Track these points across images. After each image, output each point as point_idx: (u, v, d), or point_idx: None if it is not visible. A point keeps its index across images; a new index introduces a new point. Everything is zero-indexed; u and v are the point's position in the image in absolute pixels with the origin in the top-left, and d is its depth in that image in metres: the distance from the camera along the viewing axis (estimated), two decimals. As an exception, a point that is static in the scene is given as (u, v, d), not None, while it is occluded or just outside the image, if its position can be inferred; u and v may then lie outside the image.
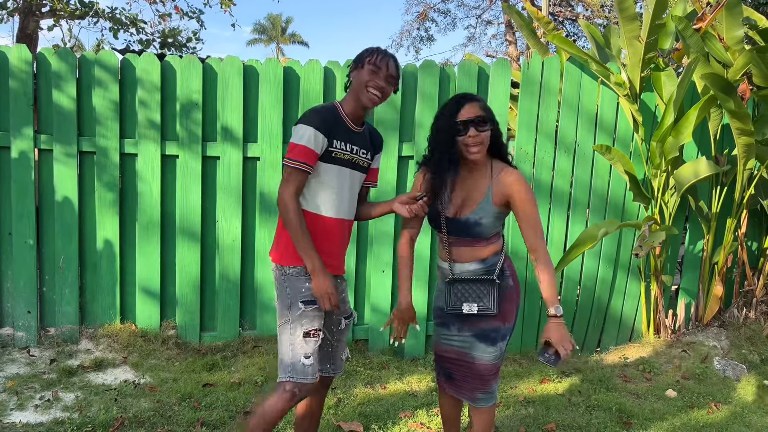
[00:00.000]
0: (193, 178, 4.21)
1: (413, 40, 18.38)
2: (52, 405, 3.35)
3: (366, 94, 2.27)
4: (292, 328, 2.25)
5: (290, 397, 2.23)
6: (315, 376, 2.26)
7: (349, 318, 2.50)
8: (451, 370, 2.47)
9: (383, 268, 4.41)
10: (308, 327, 2.25)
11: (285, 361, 2.25)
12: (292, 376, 2.22)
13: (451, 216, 2.30)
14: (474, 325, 2.35)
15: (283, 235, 2.33)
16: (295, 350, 2.23)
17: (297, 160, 2.20)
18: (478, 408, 2.44)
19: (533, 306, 4.59)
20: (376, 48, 2.32)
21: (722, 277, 4.62)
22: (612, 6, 13.30)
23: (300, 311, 2.24)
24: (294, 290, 2.27)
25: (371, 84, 2.26)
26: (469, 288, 2.32)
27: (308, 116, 2.24)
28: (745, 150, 4.27)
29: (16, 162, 4.02)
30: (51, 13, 8.28)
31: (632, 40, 4.23)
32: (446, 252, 2.35)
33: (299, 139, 2.21)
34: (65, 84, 4.04)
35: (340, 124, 2.30)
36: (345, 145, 2.31)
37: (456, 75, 4.41)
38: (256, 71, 4.25)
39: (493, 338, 2.34)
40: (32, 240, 4.08)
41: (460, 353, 2.40)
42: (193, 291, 4.28)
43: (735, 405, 3.69)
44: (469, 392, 2.43)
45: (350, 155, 2.33)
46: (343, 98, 2.37)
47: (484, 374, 2.38)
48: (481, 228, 2.27)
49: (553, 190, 4.54)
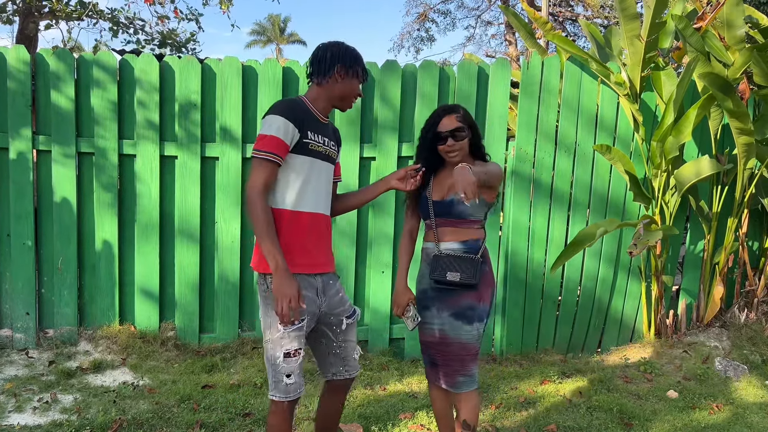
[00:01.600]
0: (192, 178, 4.20)
1: (413, 40, 18.40)
2: (51, 407, 3.33)
3: (351, 102, 2.35)
4: (272, 348, 2.23)
5: (282, 413, 2.25)
6: (297, 393, 2.26)
7: (351, 316, 2.44)
8: (434, 356, 2.57)
9: (383, 269, 4.39)
10: (288, 348, 2.21)
11: (270, 378, 2.27)
12: (275, 394, 2.25)
13: (437, 199, 2.54)
14: (451, 304, 2.48)
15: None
16: (276, 370, 2.23)
17: (267, 150, 2.12)
18: (461, 393, 2.52)
19: (533, 307, 4.57)
20: (356, 52, 2.33)
21: (723, 278, 4.60)
22: (612, 6, 13.30)
23: (279, 333, 2.20)
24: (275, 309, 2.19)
25: (358, 93, 2.35)
26: (453, 262, 2.48)
27: (277, 107, 2.18)
28: (745, 149, 4.25)
29: (15, 163, 4.01)
30: (50, 14, 8.27)
31: (633, 39, 4.22)
32: (433, 233, 2.55)
33: (268, 129, 2.14)
34: (64, 85, 4.02)
35: (310, 116, 2.26)
36: (318, 137, 2.27)
37: (456, 75, 4.39)
38: (255, 72, 4.24)
39: (470, 316, 2.47)
40: (31, 241, 4.06)
41: (440, 336, 2.51)
42: (192, 292, 4.27)
43: (736, 406, 3.68)
44: (450, 378, 2.52)
45: (324, 147, 2.30)
46: (310, 92, 2.31)
47: (462, 354, 2.48)
48: (462, 207, 2.48)
49: (553, 190, 4.53)
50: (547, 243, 4.55)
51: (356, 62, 2.30)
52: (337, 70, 2.27)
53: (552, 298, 4.63)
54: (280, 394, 2.23)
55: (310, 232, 2.26)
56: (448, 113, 2.51)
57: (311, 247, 2.27)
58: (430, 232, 2.57)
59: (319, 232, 2.31)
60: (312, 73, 2.31)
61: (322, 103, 2.31)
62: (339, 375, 2.45)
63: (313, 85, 2.31)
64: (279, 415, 2.25)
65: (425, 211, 2.58)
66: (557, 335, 4.68)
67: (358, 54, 2.33)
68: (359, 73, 2.31)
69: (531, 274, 4.54)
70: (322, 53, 2.28)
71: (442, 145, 2.48)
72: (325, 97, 2.30)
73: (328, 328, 2.40)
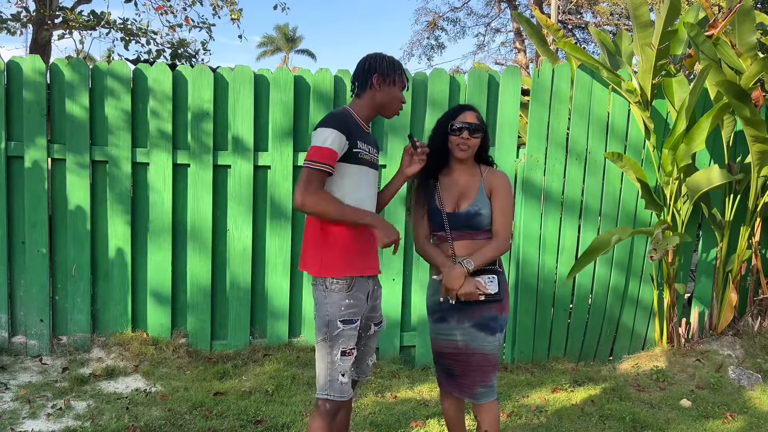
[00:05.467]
0: (204, 186, 4.22)
1: (424, 48, 18.45)
2: (64, 413, 3.35)
3: (394, 109, 2.42)
4: (329, 346, 2.28)
5: (332, 415, 2.29)
6: (350, 393, 2.31)
7: (379, 324, 2.54)
8: (451, 366, 2.54)
9: (393, 277, 4.40)
10: (345, 346, 2.28)
11: (322, 378, 2.29)
12: (330, 394, 2.27)
13: (451, 211, 2.50)
14: (473, 315, 2.46)
15: (317, 245, 2.31)
16: (333, 368, 2.27)
17: (321, 162, 2.20)
18: (481, 404, 2.50)
19: (544, 315, 4.56)
20: (396, 61, 2.41)
21: (736, 285, 4.57)
22: (621, 14, 13.29)
23: (338, 330, 2.26)
24: (334, 308, 2.28)
25: (402, 101, 2.41)
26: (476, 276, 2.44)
27: (329, 120, 2.26)
28: (759, 157, 4.23)
29: (30, 171, 4.06)
30: (63, 24, 8.36)
31: (644, 47, 4.22)
32: (449, 247, 2.49)
33: (323, 141, 2.22)
34: (78, 94, 4.07)
35: (357, 127, 2.35)
36: (365, 146, 2.36)
37: (466, 83, 4.40)
38: (267, 80, 4.27)
39: (493, 327, 2.46)
40: (45, 249, 4.10)
41: (461, 346, 2.48)
42: (204, 299, 4.29)
43: (750, 415, 3.64)
44: (470, 388, 2.50)
45: (370, 155, 2.39)
46: (354, 103, 2.40)
47: (483, 365, 2.47)
48: (481, 218, 2.47)
49: (564, 198, 4.52)
50: (558, 251, 4.54)
51: (393, 70, 2.37)
52: (375, 80, 2.35)
53: (563, 305, 4.61)
54: (335, 393, 2.27)
55: (366, 235, 2.36)
56: (470, 110, 2.52)
57: (368, 249, 2.37)
58: (444, 245, 2.52)
59: (373, 236, 2.39)
60: (354, 86, 2.40)
61: (365, 112, 2.39)
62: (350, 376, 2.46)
63: (356, 96, 2.41)
64: (326, 417, 2.28)
65: (438, 223, 2.53)
66: (569, 343, 4.66)
67: (396, 61, 2.41)
68: (397, 80, 2.38)
69: (542, 281, 4.52)
70: (361, 65, 2.38)
71: (456, 136, 2.47)
72: (368, 107, 2.39)
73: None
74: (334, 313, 2.27)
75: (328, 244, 2.29)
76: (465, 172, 2.55)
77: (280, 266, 4.34)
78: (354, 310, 2.30)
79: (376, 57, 2.38)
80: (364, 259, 2.34)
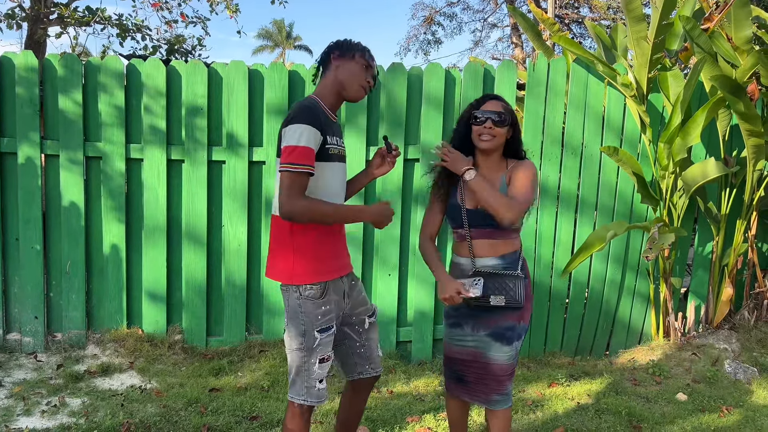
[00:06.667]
0: (198, 182, 4.21)
1: (421, 44, 18.42)
2: (59, 410, 3.34)
3: (358, 90, 2.25)
4: (306, 355, 2.22)
5: (306, 417, 2.27)
6: (326, 396, 2.29)
7: (372, 315, 2.46)
8: (463, 372, 2.45)
9: (389, 272, 4.39)
10: (323, 353, 2.23)
11: (298, 383, 2.24)
12: (307, 399, 2.24)
13: (471, 207, 2.38)
14: (489, 324, 2.37)
15: (286, 252, 2.19)
16: (310, 376, 2.23)
17: (300, 163, 2.05)
18: (495, 411, 2.44)
19: (541, 308, 4.55)
20: (357, 42, 2.28)
21: (732, 279, 4.57)
22: (618, 8, 13.27)
23: (317, 340, 2.20)
24: (310, 317, 2.19)
25: (365, 81, 2.25)
26: (494, 281, 2.34)
27: (299, 114, 2.10)
28: (754, 151, 4.22)
29: (23, 167, 4.03)
30: (59, 20, 8.32)
31: (639, 40, 4.20)
32: (467, 246, 2.39)
33: (298, 140, 2.06)
34: (71, 90, 4.05)
35: (326, 119, 2.21)
36: (335, 140, 2.25)
37: (462, 77, 4.39)
38: (261, 75, 4.25)
39: (509, 337, 2.36)
40: (39, 245, 4.08)
41: (475, 354, 2.40)
42: (200, 296, 4.27)
43: (747, 408, 3.64)
44: (485, 395, 2.42)
45: (339, 148, 2.28)
46: (318, 90, 2.26)
47: (499, 375, 2.38)
48: None
49: (560, 192, 4.51)
50: (554, 245, 4.54)
51: (352, 47, 2.25)
52: (334, 57, 2.24)
53: (560, 300, 4.61)
54: (313, 399, 2.24)
55: (337, 235, 2.29)
56: (495, 99, 2.39)
57: (339, 249, 2.30)
58: (463, 244, 2.42)
59: (342, 234, 2.34)
60: (316, 73, 2.30)
61: (330, 98, 2.25)
62: (365, 374, 2.44)
63: (319, 82, 2.29)
64: (300, 419, 2.26)
65: (457, 220, 2.42)
66: (565, 338, 4.66)
67: (359, 43, 2.28)
68: (357, 56, 2.22)
69: (538, 276, 4.52)
70: (323, 51, 2.30)
71: (478, 126, 2.34)
72: (330, 90, 2.25)
73: (350, 329, 2.41)
74: (310, 323, 2.19)
75: (299, 251, 2.18)
76: (490, 167, 2.42)
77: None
78: (330, 316, 2.23)
79: (338, 40, 2.29)
80: (335, 261, 2.26)
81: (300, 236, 2.18)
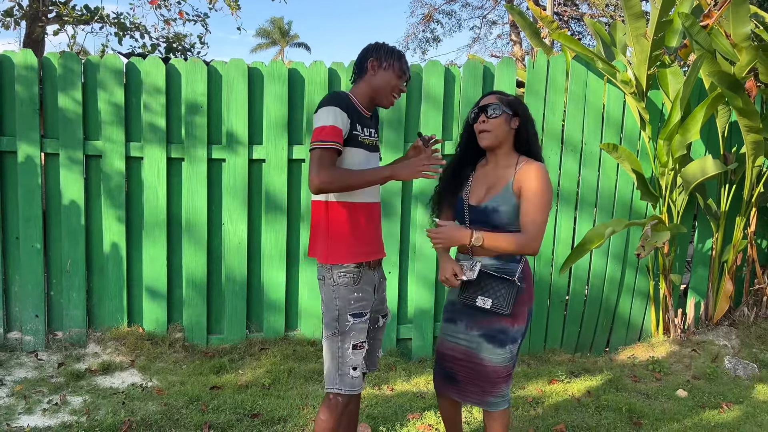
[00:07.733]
0: (198, 180, 4.21)
1: (419, 41, 18.40)
2: (60, 409, 3.35)
3: (389, 97, 2.34)
4: (340, 340, 2.25)
5: (341, 408, 2.28)
6: (362, 386, 2.30)
7: (385, 316, 2.52)
8: (453, 370, 2.43)
9: (389, 270, 4.39)
10: (356, 340, 2.26)
11: (332, 372, 2.27)
12: (341, 388, 2.25)
13: (474, 204, 2.37)
14: (482, 324, 2.34)
15: (325, 232, 2.27)
16: (344, 362, 2.25)
17: (328, 140, 2.15)
18: (491, 412, 2.41)
19: (541, 306, 4.56)
20: (397, 49, 2.36)
21: (732, 276, 4.58)
22: (617, 5, 13.26)
23: (349, 324, 2.24)
24: (343, 302, 2.26)
25: (397, 89, 2.34)
26: (486, 283, 2.31)
27: (328, 99, 2.22)
28: (753, 147, 4.23)
29: (23, 166, 4.03)
30: (57, 19, 8.31)
31: (638, 37, 4.21)
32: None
33: (326, 120, 2.16)
34: (71, 88, 4.05)
35: (356, 110, 2.30)
36: (365, 130, 2.32)
37: (461, 75, 4.39)
38: (261, 73, 4.25)
39: (501, 340, 2.33)
40: (39, 244, 4.08)
41: (467, 353, 2.37)
42: (200, 294, 4.28)
43: (747, 405, 3.65)
44: (478, 396, 2.39)
45: (371, 139, 2.35)
46: (353, 90, 2.35)
47: (492, 377, 2.35)
48: (498, 215, 2.29)
49: (560, 189, 4.52)
50: (554, 242, 4.54)
51: (390, 55, 2.32)
52: (371, 64, 2.31)
53: (559, 297, 4.62)
54: (347, 387, 2.25)
55: (371, 221, 2.34)
56: (489, 94, 2.39)
57: (373, 235, 2.35)
58: None
59: (377, 220, 2.39)
60: (354, 73, 2.37)
61: (363, 99, 2.34)
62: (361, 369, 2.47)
63: (353, 83, 2.37)
64: (336, 410, 2.27)
65: (460, 214, 2.41)
66: (565, 334, 4.67)
67: (396, 50, 2.35)
68: (394, 65, 2.31)
69: (538, 273, 4.53)
70: (361, 52, 2.35)
71: (475, 123, 2.35)
72: (364, 93, 2.33)
73: None
74: (344, 307, 2.25)
75: (337, 231, 2.26)
76: (499, 164, 2.37)
77: (275, 260, 4.33)
78: (363, 303, 2.28)
79: (376, 44, 2.36)
80: (371, 245, 2.33)
81: (337, 218, 2.26)
